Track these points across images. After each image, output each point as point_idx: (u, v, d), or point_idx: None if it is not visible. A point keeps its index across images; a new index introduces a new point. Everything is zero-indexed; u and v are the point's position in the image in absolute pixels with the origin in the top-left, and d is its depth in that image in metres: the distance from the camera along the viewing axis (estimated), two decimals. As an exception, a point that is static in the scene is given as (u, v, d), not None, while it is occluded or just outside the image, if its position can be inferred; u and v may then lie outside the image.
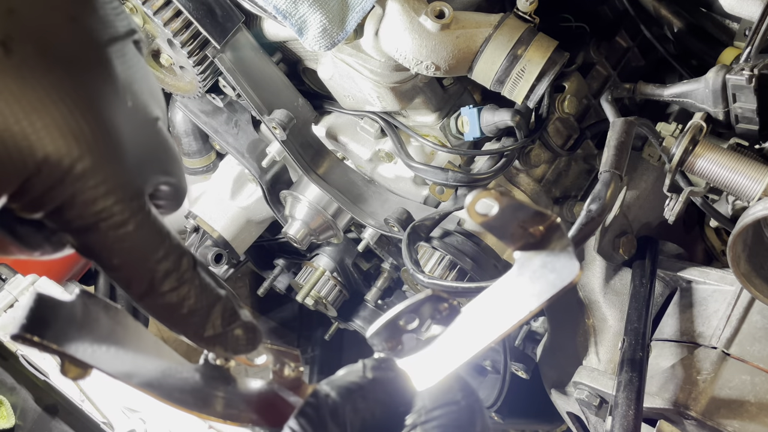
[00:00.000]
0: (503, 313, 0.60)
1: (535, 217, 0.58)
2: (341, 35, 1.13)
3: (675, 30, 1.34)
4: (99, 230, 0.52)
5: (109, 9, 0.55)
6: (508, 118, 1.22)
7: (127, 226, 0.52)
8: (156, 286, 0.55)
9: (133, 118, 0.55)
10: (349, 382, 0.61)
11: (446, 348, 0.64)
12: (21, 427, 1.32)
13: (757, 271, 1.12)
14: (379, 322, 0.66)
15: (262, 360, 0.67)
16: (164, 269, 0.54)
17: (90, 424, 1.34)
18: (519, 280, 0.60)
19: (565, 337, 1.44)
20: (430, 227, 1.32)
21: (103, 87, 0.53)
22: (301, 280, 1.72)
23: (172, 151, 0.58)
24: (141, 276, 0.54)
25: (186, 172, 1.74)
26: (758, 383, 1.16)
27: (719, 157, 1.14)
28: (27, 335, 0.54)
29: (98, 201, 0.51)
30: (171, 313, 0.56)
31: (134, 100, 0.55)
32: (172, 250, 0.55)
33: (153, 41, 1.34)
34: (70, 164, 0.49)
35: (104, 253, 0.53)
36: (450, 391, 0.61)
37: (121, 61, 0.55)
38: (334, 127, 1.42)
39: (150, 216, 0.54)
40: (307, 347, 2.27)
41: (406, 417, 0.60)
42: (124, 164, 0.52)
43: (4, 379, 1.35)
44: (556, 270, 0.57)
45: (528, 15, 1.17)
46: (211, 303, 0.57)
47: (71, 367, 0.56)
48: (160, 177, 0.56)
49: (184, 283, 0.55)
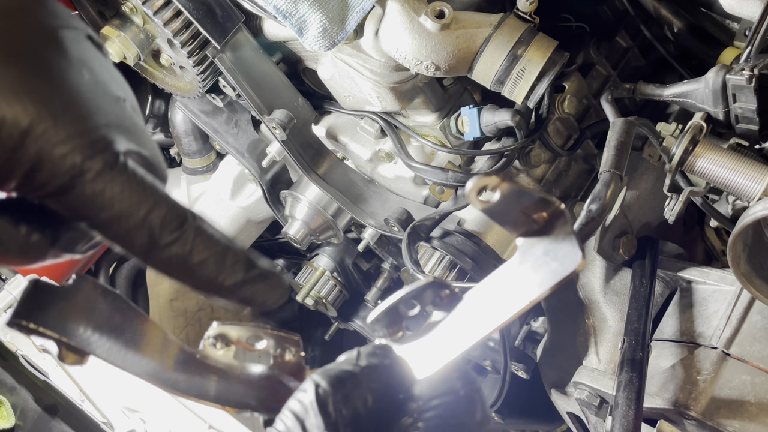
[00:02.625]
0: (505, 302, 0.59)
1: (538, 203, 0.57)
2: (341, 35, 1.13)
3: (675, 30, 1.34)
4: (76, 187, 0.51)
5: (61, 8, 0.56)
6: (508, 118, 1.22)
7: (104, 177, 0.51)
8: (156, 238, 0.53)
9: (93, 88, 0.54)
10: (341, 371, 0.60)
11: (447, 336, 0.63)
12: (21, 427, 1.32)
13: (757, 271, 1.12)
14: (379, 308, 0.66)
15: (263, 345, 0.66)
16: (159, 218, 0.53)
17: (90, 424, 1.34)
18: (521, 267, 0.59)
19: (565, 337, 1.44)
20: (430, 227, 1.32)
21: (56, 57, 0.53)
22: (301, 280, 1.72)
23: (141, 126, 0.57)
24: (136, 228, 0.52)
25: (186, 172, 1.74)
26: (758, 383, 1.16)
27: (719, 157, 1.14)
28: (23, 322, 0.53)
29: (66, 157, 0.50)
30: (183, 266, 0.54)
31: (92, 75, 0.55)
32: (163, 199, 0.53)
33: (153, 41, 1.34)
34: (29, 124, 0.49)
35: (90, 209, 0.51)
36: (449, 379, 0.61)
37: (75, 45, 0.55)
38: (334, 127, 1.42)
39: (128, 167, 0.52)
40: (307, 347, 2.26)
41: (403, 405, 0.60)
42: (86, 122, 0.52)
43: (4, 379, 1.35)
44: (558, 258, 0.56)
45: (528, 15, 1.17)
46: (224, 249, 0.55)
47: (68, 353, 0.55)
48: (130, 143, 0.54)
49: (186, 232, 0.53)
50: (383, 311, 0.66)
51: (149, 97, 1.69)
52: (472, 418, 0.59)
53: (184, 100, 1.51)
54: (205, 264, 0.54)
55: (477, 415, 0.59)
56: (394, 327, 0.66)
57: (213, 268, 0.55)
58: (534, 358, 1.52)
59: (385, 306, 0.65)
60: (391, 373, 0.62)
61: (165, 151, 1.88)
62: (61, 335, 0.54)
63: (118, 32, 1.31)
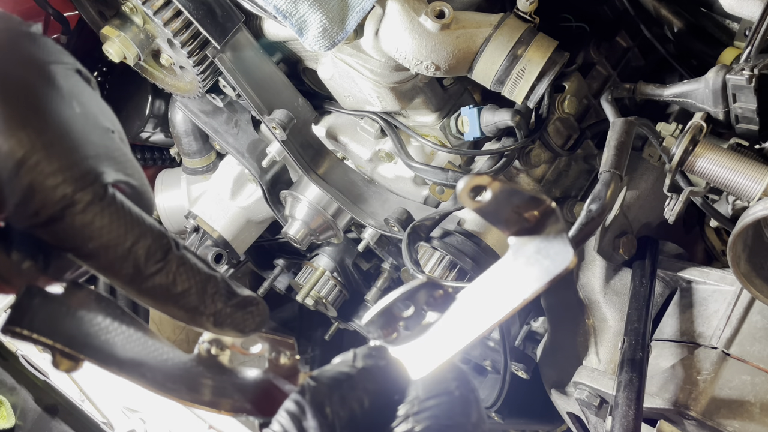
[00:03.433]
0: (498, 300, 0.60)
1: (529, 201, 0.57)
2: (341, 35, 1.13)
3: (675, 30, 1.34)
4: (65, 218, 0.52)
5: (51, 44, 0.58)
6: (508, 118, 1.22)
7: (93, 209, 0.53)
8: (141, 269, 0.54)
9: (83, 121, 0.56)
10: (337, 372, 0.60)
11: (441, 336, 0.63)
12: (21, 427, 1.32)
13: (757, 271, 1.12)
14: (374, 310, 0.66)
15: (258, 349, 0.66)
16: (144, 249, 0.54)
17: (90, 424, 1.34)
18: (513, 266, 0.59)
19: (565, 337, 1.44)
20: (430, 227, 1.32)
21: (48, 91, 0.55)
22: (301, 280, 1.72)
23: (129, 157, 0.59)
24: (122, 258, 0.54)
25: (186, 172, 1.74)
26: (758, 383, 1.16)
27: (719, 157, 1.14)
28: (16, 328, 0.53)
29: (57, 188, 0.52)
30: (165, 295, 0.56)
31: (82, 108, 0.57)
32: (149, 230, 0.55)
33: (153, 41, 1.34)
34: (23, 156, 0.51)
35: (78, 239, 0.53)
36: (444, 380, 0.61)
37: (65, 79, 0.57)
38: (334, 127, 1.42)
39: (116, 199, 0.54)
40: (307, 347, 2.26)
41: (398, 407, 0.60)
42: (77, 154, 0.53)
43: (4, 379, 1.35)
44: (550, 256, 0.57)
45: (528, 15, 1.17)
46: (205, 280, 0.57)
47: (62, 359, 0.55)
48: (119, 174, 0.56)
49: (169, 262, 0.55)
50: (377, 313, 0.66)
51: (149, 97, 1.69)
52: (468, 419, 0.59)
53: (184, 100, 1.51)
54: (187, 294, 0.56)
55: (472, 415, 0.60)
56: (389, 328, 0.66)
57: (194, 297, 0.57)
58: (534, 358, 1.52)
59: (380, 307, 0.66)
60: (387, 374, 0.62)
61: (165, 151, 1.88)
62: (54, 341, 0.54)
63: (118, 32, 1.31)
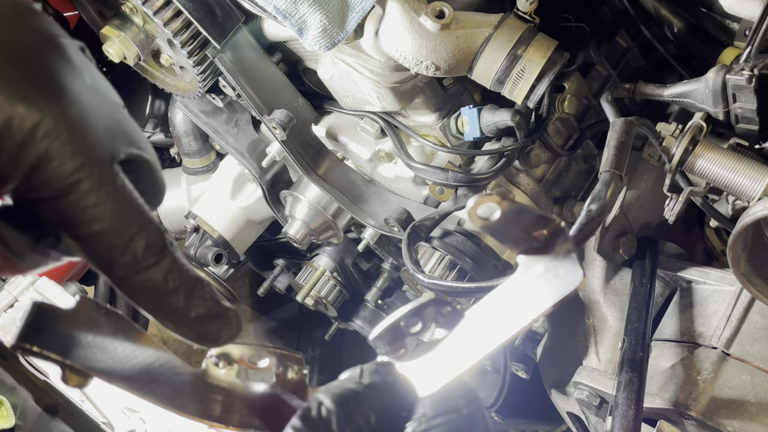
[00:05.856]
0: (507, 319, 0.59)
1: (538, 221, 0.57)
2: (341, 35, 1.13)
3: (675, 30, 1.34)
4: (71, 196, 0.51)
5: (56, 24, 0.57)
6: (508, 118, 1.22)
7: (100, 191, 0.52)
8: (139, 259, 0.53)
9: (95, 93, 0.55)
10: (344, 389, 0.60)
11: (449, 353, 0.63)
12: (21, 427, 1.32)
13: (757, 271, 1.12)
14: (381, 326, 0.66)
15: (265, 363, 0.66)
16: (145, 239, 0.53)
17: (90, 424, 1.34)
18: (522, 285, 0.59)
19: (565, 337, 1.44)
20: (430, 227, 1.32)
21: (59, 60, 0.54)
22: (301, 280, 1.72)
23: (139, 131, 0.58)
24: (123, 246, 0.53)
25: (186, 172, 1.74)
26: (758, 383, 1.16)
27: (719, 157, 1.14)
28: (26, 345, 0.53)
29: (66, 162, 0.50)
30: (155, 292, 0.55)
31: (93, 79, 0.56)
32: (150, 222, 0.54)
33: (153, 41, 1.34)
34: (33, 125, 0.50)
35: (80, 219, 0.52)
36: (452, 398, 0.60)
37: (75, 52, 0.56)
38: (334, 127, 1.42)
39: (125, 186, 0.53)
40: (307, 347, 2.26)
41: (406, 424, 0.59)
42: (88, 127, 0.52)
43: (4, 379, 1.35)
44: (559, 276, 0.56)
45: (528, 15, 1.17)
46: (193, 282, 0.56)
47: (72, 375, 0.55)
48: (130, 147, 0.55)
49: (165, 257, 0.54)
50: (385, 328, 0.66)
51: (149, 97, 1.69)
52: None
53: (184, 100, 1.51)
54: (176, 292, 0.55)
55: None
56: (396, 344, 0.66)
57: (181, 297, 0.56)
58: (534, 358, 1.52)
59: (387, 323, 0.66)
60: (394, 390, 0.62)
61: (165, 151, 1.88)
62: (64, 357, 0.54)
63: (118, 32, 1.31)
